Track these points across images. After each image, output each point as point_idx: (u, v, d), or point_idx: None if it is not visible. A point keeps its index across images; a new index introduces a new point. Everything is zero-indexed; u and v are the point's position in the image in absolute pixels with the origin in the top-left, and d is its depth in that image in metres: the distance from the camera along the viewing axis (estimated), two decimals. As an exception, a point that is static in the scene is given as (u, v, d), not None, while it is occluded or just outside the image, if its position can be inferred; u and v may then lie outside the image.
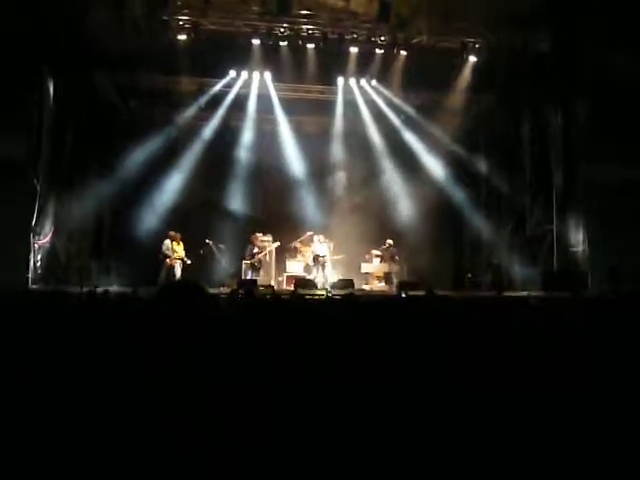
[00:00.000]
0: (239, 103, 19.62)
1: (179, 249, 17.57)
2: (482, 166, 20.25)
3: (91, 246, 18.57)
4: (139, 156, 18.94)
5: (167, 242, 17.45)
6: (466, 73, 18.17)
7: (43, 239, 15.99)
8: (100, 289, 10.83)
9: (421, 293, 10.23)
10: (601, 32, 15.42)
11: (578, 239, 16.67)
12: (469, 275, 20.06)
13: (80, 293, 10.00)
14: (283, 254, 19.42)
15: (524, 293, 14.46)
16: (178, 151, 19.85)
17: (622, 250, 14.56)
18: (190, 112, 19.42)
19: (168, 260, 17.30)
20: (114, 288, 13.66)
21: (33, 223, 15.31)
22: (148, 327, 2.74)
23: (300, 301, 7.89)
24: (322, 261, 18.45)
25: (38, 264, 15.64)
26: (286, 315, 5.38)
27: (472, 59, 17.82)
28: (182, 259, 17.56)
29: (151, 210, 18.87)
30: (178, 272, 17.43)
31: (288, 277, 18.30)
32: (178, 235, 17.62)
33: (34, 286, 14.54)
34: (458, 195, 20.08)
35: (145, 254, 17.73)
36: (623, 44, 14.99)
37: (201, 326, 2.48)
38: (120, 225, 18.85)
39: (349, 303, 7.18)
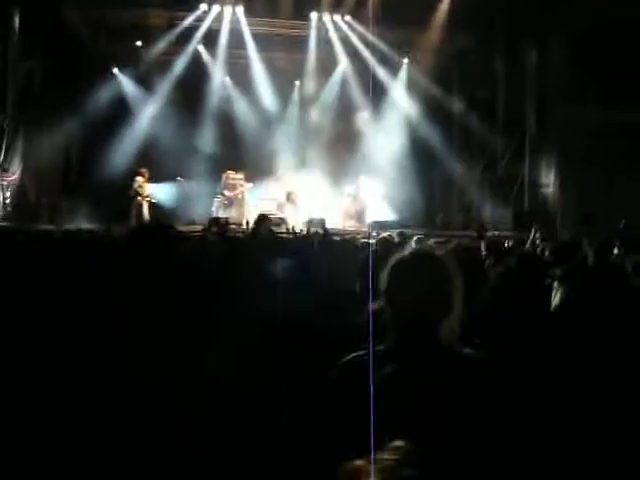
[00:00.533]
0: (210, 38, 19.20)
1: (147, 186, 17.39)
2: (456, 105, 20.17)
3: (60, 184, 18.31)
4: (108, 92, 18.59)
5: (138, 179, 17.24)
6: (442, 10, 17.92)
7: (11, 176, 15.73)
8: (72, 227, 10.74)
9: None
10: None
11: (549, 180, 16.79)
12: (440, 215, 20.19)
13: (51, 231, 9.91)
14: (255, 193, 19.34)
15: (495, 233, 14.58)
16: (148, 87, 19.50)
17: (594, 192, 14.67)
18: (160, 47, 18.95)
19: (139, 198, 17.12)
20: (85, 226, 13.52)
21: (0, 160, 15.03)
22: (120, 268, 2.73)
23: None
24: (294, 199, 18.39)
25: (7, 201, 15.43)
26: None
27: (448, -5, 17.57)
28: (149, 197, 17.39)
29: (120, 147, 18.56)
30: (146, 210, 17.28)
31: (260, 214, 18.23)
32: (147, 172, 17.40)
33: (3, 223, 14.37)
34: (431, 134, 19.99)
35: (114, 192, 17.54)
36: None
37: (172, 267, 2.47)
38: (89, 163, 18.57)
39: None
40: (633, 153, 14.82)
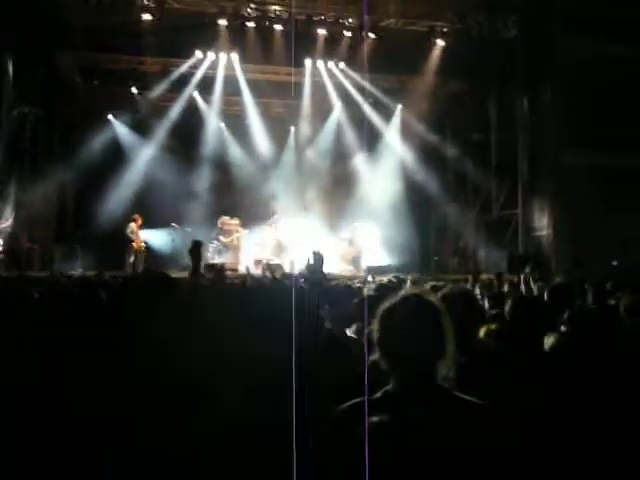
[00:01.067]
0: (206, 85, 19.37)
1: (140, 232, 17.38)
2: (449, 150, 20.35)
3: (54, 231, 18.29)
4: (103, 139, 18.71)
5: (131, 225, 17.22)
6: (434, 57, 18.14)
7: (4, 223, 15.70)
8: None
9: (388, 277, 10.25)
10: (569, 18, 15.52)
11: (543, 223, 16.86)
12: (435, 258, 20.19)
13: (42, 278, 9.84)
14: (251, 238, 19.33)
15: (490, 276, 14.54)
16: (143, 133, 19.63)
17: (587, 236, 14.74)
18: (155, 93, 19.10)
19: (133, 244, 17.10)
20: (79, 273, 13.47)
21: (-7, 207, 15.03)
22: (115, 313, 2.70)
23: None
24: (289, 245, 18.38)
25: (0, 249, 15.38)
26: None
27: (440, 43, 17.79)
28: (143, 243, 17.37)
29: (115, 194, 18.59)
30: (140, 256, 17.24)
31: (256, 261, 18.19)
32: (140, 218, 17.39)
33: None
34: (425, 178, 20.10)
35: (110, 238, 17.51)
36: (590, 29, 15.09)
37: (165, 313, 2.44)
38: (84, 209, 18.59)
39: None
40: (623, 196, 14.95)
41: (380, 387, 2.19)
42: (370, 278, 12.94)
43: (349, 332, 4.63)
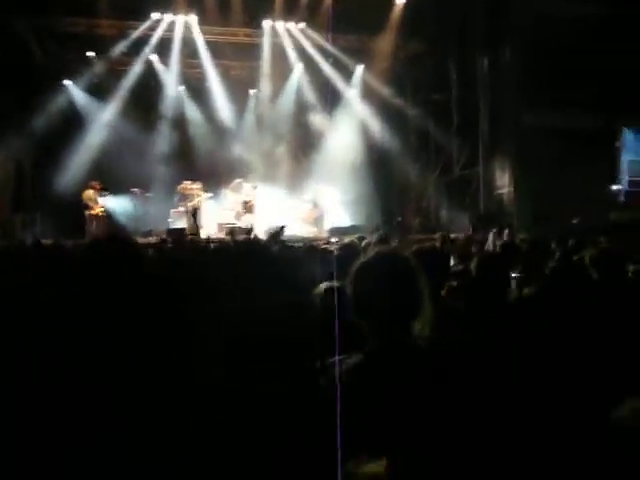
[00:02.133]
0: (163, 47, 19.03)
1: (98, 199, 17.10)
2: (410, 110, 20.37)
3: (13, 198, 17.96)
4: (59, 104, 18.32)
5: (88, 192, 16.92)
6: (394, 16, 18.07)
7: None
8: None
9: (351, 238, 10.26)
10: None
11: (504, 182, 17.04)
12: (399, 219, 20.30)
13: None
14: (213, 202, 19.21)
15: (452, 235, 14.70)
16: (100, 98, 19.27)
17: (548, 193, 14.98)
18: (111, 57, 18.71)
19: (92, 211, 16.85)
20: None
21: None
22: (76, 281, 2.67)
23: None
24: (251, 207, 18.32)
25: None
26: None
27: (400, 2, 17.70)
28: (101, 209, 17.13)
29: (73, 160, 18.28)
30: (100, 223, 17.03)
31: (219, 225, 18.11)
32: (98, 184, 17.10)
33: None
34: (387, 139, 20.13)
35: (70, 205, 17.25)
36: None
37: (128, 281, 2.41)
38: (42, 176, 18.22)
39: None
40: (582, 155, 15.17)
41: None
42: (334, 239, 12.98)
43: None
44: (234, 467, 1.98)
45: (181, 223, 18.01)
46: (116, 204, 18.33)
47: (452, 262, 5.81)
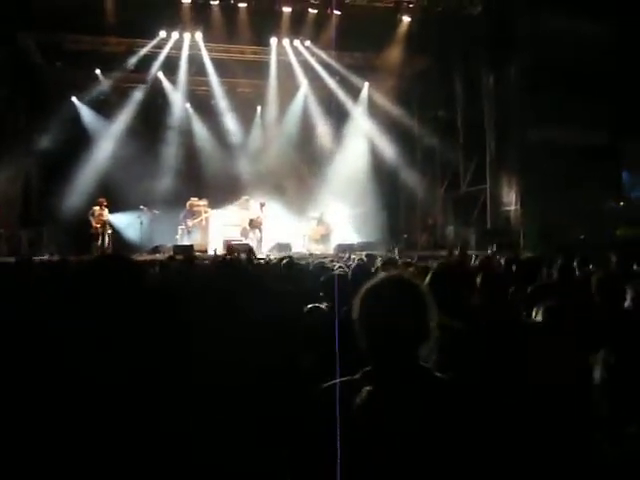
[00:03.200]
0: (170, 65, 19.15)
1: (105, 215, 17.18)
2: (416, 127, 20.39)
3: (20, 215, 18.02)
4: (67, 121, 18.41)
5: (95, 209, 17.04)
6: (400, 34, 18.13)
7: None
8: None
9: (360, 255, 10.26)
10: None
11: (510, 199, 17.00)
12: (405, 235, 20.29)
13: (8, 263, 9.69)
14: (219, 219, 19.24)
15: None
16: (108, 115, 19.37)
17: (554, 209, 14.93)
18: (119, 74, 18.82)
19: (98, 227, 16.92)
20: (45, 257, 13.31)
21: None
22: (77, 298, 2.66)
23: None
24: (258, 225, 18.33)
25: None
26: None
27: (406, 19, 17.77)
28: (108, 226, 17.20)
29: (81, 177, 18.35)
30: (107, 239, 17.11)
31: (225, 242, 18.13)
32: (104, 201, 17.18)
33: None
34: (393, 156, 20.15)
35: (76, 222, 17.33)
36: (554, 6, 15.15)
37: (128, 299, 2.41)
38: (49, 192, 18.31)
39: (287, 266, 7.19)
40: (589, 171, 15.14)
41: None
42: (341, 255, 12.96)
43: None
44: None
45: (188, 240, 18.04)
46: (123, 221, 18.41)
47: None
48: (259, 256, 13.95)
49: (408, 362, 2.09)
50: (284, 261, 7.49)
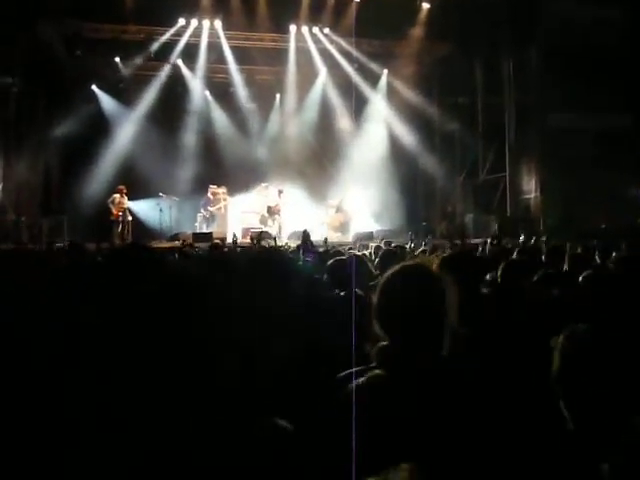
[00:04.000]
0: (189, 52, 19.17)
1: (125, 202, 17.29)
2: (435, 113, 20.29)
3: (41, 202, 18.17)
4: (87, 109, 18.49)
5: (114, 195, 17.16)
6: (419, 20, 18.03)
7: (-10, 195, 15.61)
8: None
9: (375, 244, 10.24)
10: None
11: (530, 187, 16.90)
12: (424, 223, 20.21)
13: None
14: (238, 206, 19.31)
15: (479, 240, 14.61)
16: (127, 103, 19.44)
17: (574, 196, 14.82)
18: (138, 62, 18.88)
19: (118, 214, 17.05)
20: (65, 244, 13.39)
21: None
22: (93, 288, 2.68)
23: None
24: (276, 212, 18.36)
25: (-14, 221, 15.28)
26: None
27: (425, 6, 17.65)
28: (127, 213, 17.31)
29: (101, 164, 18.46)
30: (126, 227, 17.24)
31: (244, 229, 18.18)
32: (124, 189, 17.29)
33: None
34: (412, 143, 20.07)
35: (96, 209, 17.47)
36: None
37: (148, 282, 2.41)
38: (70, 180, 18.43)
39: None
40: (609, 157, 15.01)
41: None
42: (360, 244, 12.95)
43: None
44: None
45: (207, 227, 18.13)
46: (143, 208, 18.51)
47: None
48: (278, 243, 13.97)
49: (428, 352, 2.08)
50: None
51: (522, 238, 9.39)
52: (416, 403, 1.97)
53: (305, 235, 10.65)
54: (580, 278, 3.60)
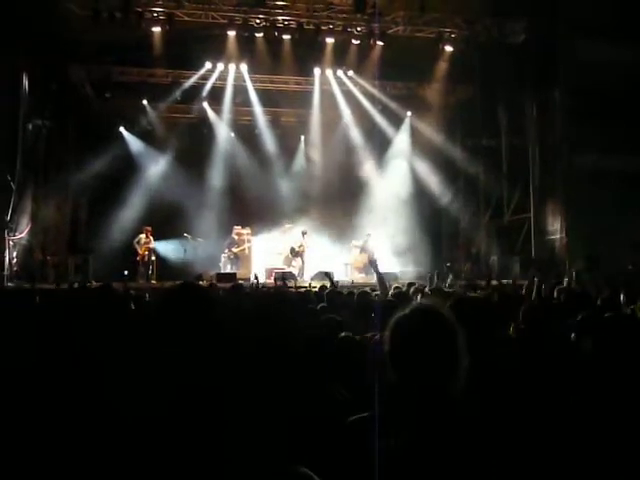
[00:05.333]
0: (215, 95, 19.49)
1: (151, 243, 17.49)
2: (459, 155, 20.31)
3: (68, 242, 18.40)
4: (115, 150, 18.80)
5: (139, 236, 17.41)
6: (442, 63, 18.18)
7: (19, 235, 15.81)
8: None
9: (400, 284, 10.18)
10: (575, 22, 15.52)
11: (555, 228, 16.80)
12: (448, 264, 20.09)
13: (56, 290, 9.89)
14: (262, 247, 19.39)
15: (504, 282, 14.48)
16: (154, 145, 19.74)
17: (600, 238, 14.68)
18: (165, 105, 19.23)
19: (144, 254, 17.25)
20: (92, 284, 13.51)
21: (7, 219, 15.10)
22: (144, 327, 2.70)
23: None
24: (300, 253, 18.41)
25: (14, 261, 15.45)
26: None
27: (448, 49, 17.81)
28: (152, 253, 17.50)
29: (127, 205, 18.69)
30: (150, 267, 17.41)
31: (268, 269, 18.21)
32: (149, 229, 17.52)
33: (9, 284, 14.32)
34: (436, 185, 20.11)
35: (122, 249, 17.67)
36: (597, 34, 15.07)
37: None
38: (96, 220, 18.68)
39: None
40: (635, 198, 14.90)
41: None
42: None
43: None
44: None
45: (231, 268, 18.21)
46: (167, 248, 18.65)
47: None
48: (301, 284, 13.98)
49: (435, 396, 2.06)
50: (326, 290, 7.51)
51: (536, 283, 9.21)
52: (428, 455, 1.96)
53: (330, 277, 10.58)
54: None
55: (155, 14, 16.39)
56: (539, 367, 3.26)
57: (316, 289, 9.63)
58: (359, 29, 17.35)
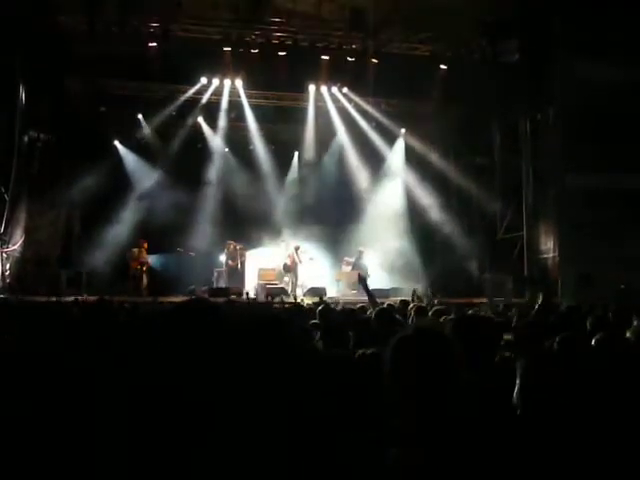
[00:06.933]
0: (210, 110, 19.54)
1: (144, 256, 17.48)
2: (452, 172, 20.38)
3: (60, 255, 18.33)
4: (109, 164, 18.78)
5: (133, 250, 17.41)
6: (437, 81, 18.30)
7: (12, 247, 15.76)
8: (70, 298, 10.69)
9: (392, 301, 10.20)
10: (569, 41, 15.65)
11: (548, 246, 16.84)
12: (441, 281, 20.08)
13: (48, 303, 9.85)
14: (254, 262, 19.37)
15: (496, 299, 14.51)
16: (149, 158, 19.74)
17: (593, 257, 14.71)
18: (160, 119, 19.25)
19: (137, 268, 17.24)
20: (84, 297, 13.46)
21: (1, 231, 15.07)
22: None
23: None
24: (293, 268, 18.39)
25: (7, 273, 15.40)
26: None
27: (442, 67, 17.93)
28: (145, 266, 17.48)
29: (121, 218, 18.65)
30: (144, 278, 17.39)
31: (260, 285, 18.19)
32: (144, 243, 17.53)
33: (1, 296, 14.26)
34: (429, 202, 20.15)
35: (115, 262, 17.61)
36: (591, 53, 15.20)
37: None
38: (90, 234, 18.62)
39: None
40: (628, 217, 14.97)
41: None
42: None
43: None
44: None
45: (224, 282, 18.18)
46: (160, 263, 18.62)
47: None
48: (293, 300, 13.97)
49: (436, 415, 2.07)
50: (319, 307, 7.49)
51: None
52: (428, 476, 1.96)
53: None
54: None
55: (151, 29, 16.49)
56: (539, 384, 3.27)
57: (310, 305, 9.63)
58: (354, 46, 17.48)
